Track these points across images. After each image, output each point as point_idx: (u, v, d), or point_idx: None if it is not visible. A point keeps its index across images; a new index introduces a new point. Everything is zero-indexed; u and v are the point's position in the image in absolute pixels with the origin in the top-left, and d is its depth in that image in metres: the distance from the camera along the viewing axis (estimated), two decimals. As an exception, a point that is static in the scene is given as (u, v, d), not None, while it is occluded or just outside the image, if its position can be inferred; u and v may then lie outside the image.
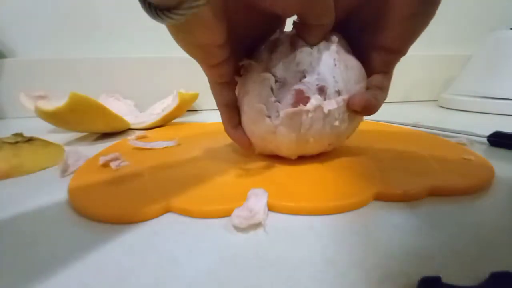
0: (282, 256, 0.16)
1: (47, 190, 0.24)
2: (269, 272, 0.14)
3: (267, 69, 0.23)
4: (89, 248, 0.17)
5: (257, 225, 0.18)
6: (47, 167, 0.29)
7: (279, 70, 0.23)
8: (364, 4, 0.24)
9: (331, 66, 0.23)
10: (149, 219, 0.19)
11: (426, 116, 0.57)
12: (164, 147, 0.33)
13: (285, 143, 0.25)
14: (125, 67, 0.63)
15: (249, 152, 0.27)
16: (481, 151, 0.30)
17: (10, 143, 0.29)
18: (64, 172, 0.27)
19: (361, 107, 0.24)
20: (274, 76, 0.23)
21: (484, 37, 0.66)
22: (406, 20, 0.22)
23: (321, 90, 0.23)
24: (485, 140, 0.35)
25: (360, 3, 0.24)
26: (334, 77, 0.23)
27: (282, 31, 0.25)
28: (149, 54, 0.64)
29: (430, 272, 0.14)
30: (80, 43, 0.63)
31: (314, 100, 0.22)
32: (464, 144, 0.33)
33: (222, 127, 0.27)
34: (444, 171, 0.24)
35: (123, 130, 0.45)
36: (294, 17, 0.23)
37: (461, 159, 0.27)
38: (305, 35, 0.23)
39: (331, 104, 0.23)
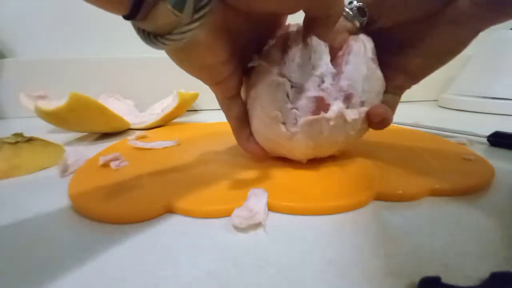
0: (282, 256, 0.16)
1: (47, 190, 0.24)
2: (269, 272, 0.14)
3: (281, 73, 0.22)
4: (89, 248, 0.17)
5: (257, 225, 0.18)
6: (47, 167, 0.29)
7: (295, 74, 0.22)
8: (409, 25, 0.23)
9: (363, 75, 0.22)
10: (149, 219, 0.19)
11: (426, 116, 0.57)
12: (164, 147, 0.33)
13: (301, 149, 0.24)
14: (125, 67, 0.63)
15: (263, 159, 0.27)
16: (481, 151, 0.30)
17: (10, 143, 0.29)
18: (64, 172, 0.27)
19: (381, 119, 0.24)
20: (289, 81, 0.22)
21: (484, 37, 0.65)
22: (442, 55, 0.23)
23: (348, 98, 0.22)
24: (485, 140, 0.35)
25: (407, 21, 0.23)
26: (363, 87, 0.23)
27: (289, 25, 0.24)
28: (149, 54, 0.64)
29: (430, 272, 0.14)
30: (80, 43, 0.63)
31: (336, 107, 0.22)
32: (464, 144, 0.33)
33: (222, 127, 0.27)
34: (444, 171, 0.24)
35: (123, 130, 0.45)
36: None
37: (461, 159, 0.27)
38: (316, 30, 0.22)
39: (353, 114, 0.22)
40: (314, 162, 0.26)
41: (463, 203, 0.20)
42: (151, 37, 0.17)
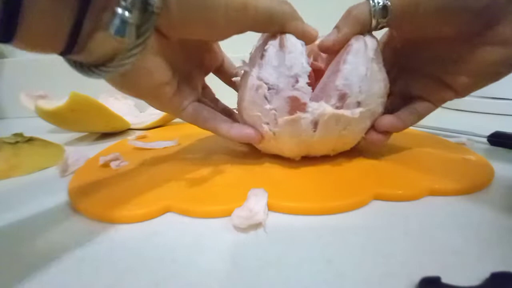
0: (282, 256, 0.16)
1: (47, 190, 0.24)
2: (269, 272, 0.14)
3: (259, 76, 0.23)
4: (89, 248, 0.17)
5: (257, 225, 0.18)
6: (47, 167, 0.29)
7: (271, 76, 0.22)
8: (450, 42, 0.23)
9: (361, 76, 0.22)
10: (149, 219, 0.19)
11: (426, 116, 0.57)
12: (164, 147, 0.33)
13: (286, 147, 0.25)
14: (125, 67, 0.63)
15: (258, 140, 0.26)
16: (481, 151, 0.30)
17: (10, 143, 0.29)
18: (64, 172, 0.27)
19: (387, 130, 0.25)
20: (266, 83, 0.22)
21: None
22: (488, 75, 0.23)
23: (342, 98, 0.22)
24: (485, 140, 0.35)
25: (444, 38, 0.23)
26: (360, 87, 0.22)
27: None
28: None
29: (430, 272, 0.14)
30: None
31: (316, 105, 0.22)
32: (464, 144, 0.33)
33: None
34: (444, 171, 0.24)
35: (123, 130, 0.45)
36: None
37: (461, 159, 0.27)
38: (287, 29, 0.22)
39: (347, 113, 0.23)
40: (314, 162, 0.26)
41: (463, 203, 0.20)
42: (88, 68, 0.17)
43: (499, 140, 0.33)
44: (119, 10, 0.15)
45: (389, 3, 0.21)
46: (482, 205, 0.20)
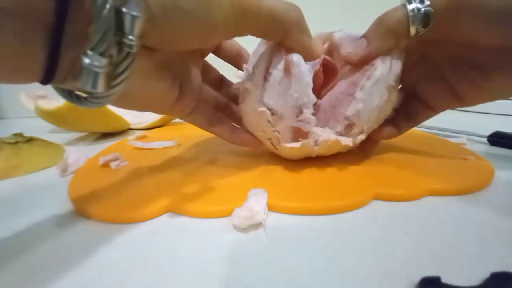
0: (282, 256, 0.16)
1: (47, 190, 0.24)
2: (269, 272, 0.14)
3: (262, 100, 0.22)
4: (89, 248, 0.17)
5: (257, 225, 0.18)
6: (47, 167, 0.29)
7: (274, 102, 0.22)
8: (498, 54, 0.21)
9: (374, 106, 0.22)
10: (149, 219, 0.19)
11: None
12: (164, 147, 0.33)
13: (287, 155, 0.26)
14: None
15: (257, 146, 0.26)
16: (481, 151, 0.30)
17: (10, 143, 0.29)
18: (64, 172, 0.27)
19: (383, 139, 0.25)
20: (270, 109, 0.22)
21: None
22: (502, 94, 0.23)
23: (348, 127, 0.22)
24: (485, 140, 0.35)
25: (497, 49, 0.21)
26: (369, 117, 0.22)
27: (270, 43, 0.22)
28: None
29: (430, 272, 0.14)
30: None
31: (320, 133, 0.22)
32: (464, 144, 0.33)
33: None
34: (444, 171, 0.24)
35: (123, 130, 0.45)
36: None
37: (461, 159, 0.27)
38: (291, 46, 0.21)
39: (348, 141, 0.23)
40: (314, 162, 0.26)
41: (463, 203, 0.20)
42: (75, 96, 0.16)
43: (499, 140, 0.33)
44: (86, 61, 0.13)
45: (431, 9, 0.19)
46: (482, 205, 0.20)
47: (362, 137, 0.23)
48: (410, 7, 0.19)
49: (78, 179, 0.24)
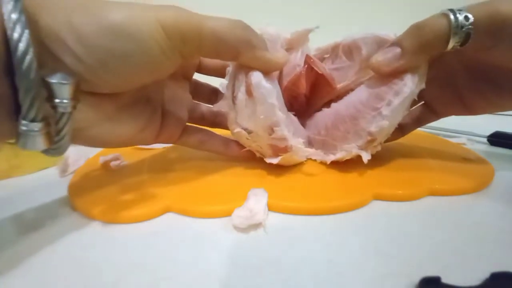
0: (282, 256, 0.16)
1: (47, 190, 0.24)
2: (269, 272, 0.14)
3: (236, 122, 0.22)
4: (89, 248, 0.17)
5: (257, 225, 0.18)
6: (47, 167, 0.29)
7: (247, 122, 0.21)
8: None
9: (396, 122, 0.22)
10: (149, 219, 0.19)
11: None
12: (164, 147, 0.33)
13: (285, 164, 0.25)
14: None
15: (250, 159, 0.26)
16: (481, 151, 0.30)
17: (10, 143, 0.29)
18: (64, 172, 0.27)
19: (386, 142, 0.24)
20: (245, 129, 0.21)
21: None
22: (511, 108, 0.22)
23: (370, 142, 0.22)
24: (485, 140, 0.35)
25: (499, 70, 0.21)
26: (389, 131, 0.22)
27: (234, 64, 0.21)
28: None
29: (430, 272, 0.14)
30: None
31: (295, 147, 0.22)
32: (464, 144, 0.33)
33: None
34: (444, 171, 0.24)
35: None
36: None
37: (461, 159, 0.27)
38: (251, 65, 0.20)
39: (368, 156, 0.22)
40: (314, 163, 0.26)
41: (463, 203, 0.20)
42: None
43: (499, 140, 0.33)
44: (21, 127, 0.13)
45: (473, 27, 0.17)
46: (482, 205, 0.20)
47: (378, 148, 0.23)
48: (454, 21, 0.17)
49: (78, 179, 0.24)
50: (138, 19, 0.15)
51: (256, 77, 0.19)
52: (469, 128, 0.38)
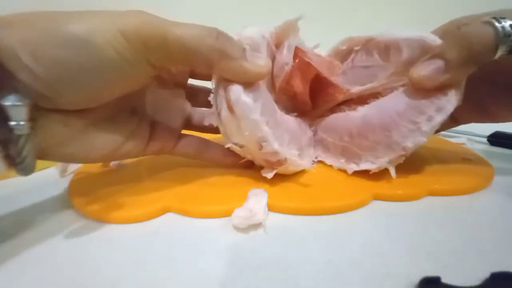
0: (282, 256, 0.16)
1: (47, 190, 0.24)
2: (269, 272, 0.14)
3: (227, 136, 0.20)
4: (89, 248, 0.17)
5: (257, 225, 0.18)
6: (47, 167, 0.29)
7: (235, 137, 0.20)
8: None
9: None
10: (149, 219, 0.19)
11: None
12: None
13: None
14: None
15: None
16: (481, 151, 0.30)
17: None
18: (64, 172, 0.27)
19: None
20: (235, 144, 0.20)
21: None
22: None
23: (402, 157, 0.21)
24: (485, 140, 0.35)
25: None
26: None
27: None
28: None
29: (430, 272, 0.13)
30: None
31: (289, 159, 0.21)
32: (464, 144, 0.33)
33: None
34: (444, 171, 0.24)
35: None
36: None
37: (461, 159, 0.27)
38: (229, 78, 0.18)
39: (394, 172, 0.21)
40: (313, 163, 0.26)
41: (463, 203, 0.20)
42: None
43: (499, 140, 0.33)
44: None
45: None
46: (482, 205, 0.20)
47: (401, 161, 0.21)
48: (500, 30, 0.16)
49: (78, 179, 0.24)
50: (95, 28, 0.14)
51: (235, 92, 0.18)
52: (469, 128, 0.38)
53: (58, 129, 0.16)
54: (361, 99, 0.25)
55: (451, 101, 0.19)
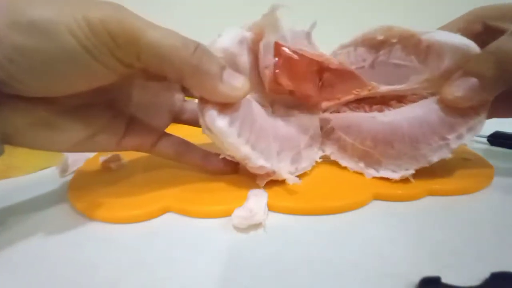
0: (282, 256, 0.16)
1: (47, 190, 0.24)
2: (269, 272, 0.14)
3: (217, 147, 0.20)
4: (88, 247, 0.17)
5: (257, 225, 0.18)
6: (47, 167, 0.29)
7: (223, 150, 0.20)
8: None
9: None
10: (149, 219, 0.19)
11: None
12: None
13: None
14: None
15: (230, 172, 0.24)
16: (481, 151, 0.30)
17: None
18: (64, 172, 0.27)
19: None
20: (226, 155, 0.20)
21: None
22: None
23: (423, 168, 0.21)
24: (485, 140, 0.35)
25: None
26: None
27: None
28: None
29: (430, 272, 0.13)
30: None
31: (289, 177, 0.20)
32: (464, 144, 0.33)
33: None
34: (444, 171, 0.24)
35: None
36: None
37: (461, 159, 0.27)
38: (201, 94, 0.18)
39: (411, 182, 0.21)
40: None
41: (463, 203, 0.20)
42: None
43: (499, 140, 0.33)
44: None
45: None
46: (482, 205, 0.20)
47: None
48: None
49: (78, 179, 0.24)
50: (58, 14, 0.14)
51: (210, 116, 0.17)
52: (469, 128, 0.38)
53: (20, 116, 0.16)
54: (383, 99, 0.23)
55: (482, 121, 0.19)
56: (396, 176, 0.21)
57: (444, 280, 0.13)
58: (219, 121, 0.17)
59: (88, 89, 0.17)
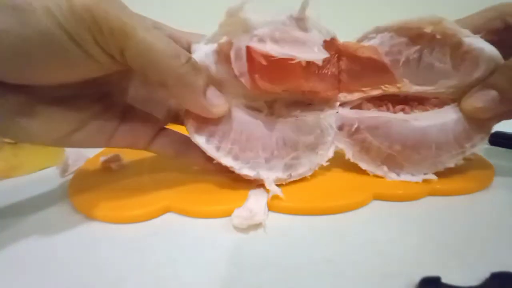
0: (282, 256, 0.16)
1: (47, 190, 0.24)
2: (269, 272, 0.14)
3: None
4: (89, 248, 0.17)
5: (257, 225, 0.18)
6: (47, 167, 0.29)
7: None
8: None
9: None
10: (149, 219, 0.19)
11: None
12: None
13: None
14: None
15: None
16: (481, 151, 0.30)
17: (10, 143, 0.29)
18: (64, 172, 0.27)
19: None
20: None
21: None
22: None
23: (435, 174, 0.22)
24: (485, 140, 0.35)
25: None
26: None
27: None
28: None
29: (430, 272, 0.13)
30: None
31: (272, 187, 0.20)
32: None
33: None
34: (444, 171, 0.24)
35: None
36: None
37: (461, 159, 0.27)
38: (186, 108, 0.18)
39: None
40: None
41: (463, 203, 0.20)
42: None
43: (499, 140, 0.33)
44: None
45: None
46: (482, 205, 0.20)
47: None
48: None
49: (78, 179, 0.24)
50: None
51: (189, 129, 0.19)
52: (469, 128, 0.38)
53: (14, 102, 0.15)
54: (404, 99, 0.22)
55: (490, 131, 0.20)
56: (414, 179, 0.22)
57: (444, 280, 0.13)
58: (197, 137, 0.19)
59: (75, 80, 0.16)
